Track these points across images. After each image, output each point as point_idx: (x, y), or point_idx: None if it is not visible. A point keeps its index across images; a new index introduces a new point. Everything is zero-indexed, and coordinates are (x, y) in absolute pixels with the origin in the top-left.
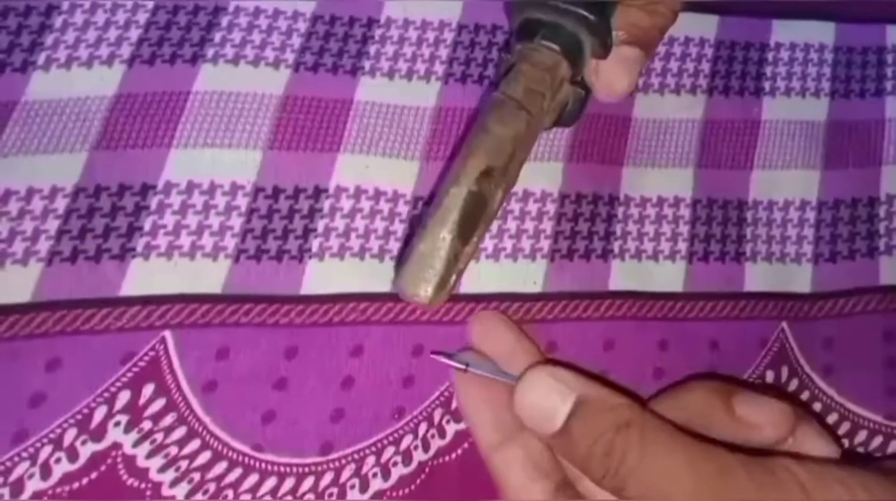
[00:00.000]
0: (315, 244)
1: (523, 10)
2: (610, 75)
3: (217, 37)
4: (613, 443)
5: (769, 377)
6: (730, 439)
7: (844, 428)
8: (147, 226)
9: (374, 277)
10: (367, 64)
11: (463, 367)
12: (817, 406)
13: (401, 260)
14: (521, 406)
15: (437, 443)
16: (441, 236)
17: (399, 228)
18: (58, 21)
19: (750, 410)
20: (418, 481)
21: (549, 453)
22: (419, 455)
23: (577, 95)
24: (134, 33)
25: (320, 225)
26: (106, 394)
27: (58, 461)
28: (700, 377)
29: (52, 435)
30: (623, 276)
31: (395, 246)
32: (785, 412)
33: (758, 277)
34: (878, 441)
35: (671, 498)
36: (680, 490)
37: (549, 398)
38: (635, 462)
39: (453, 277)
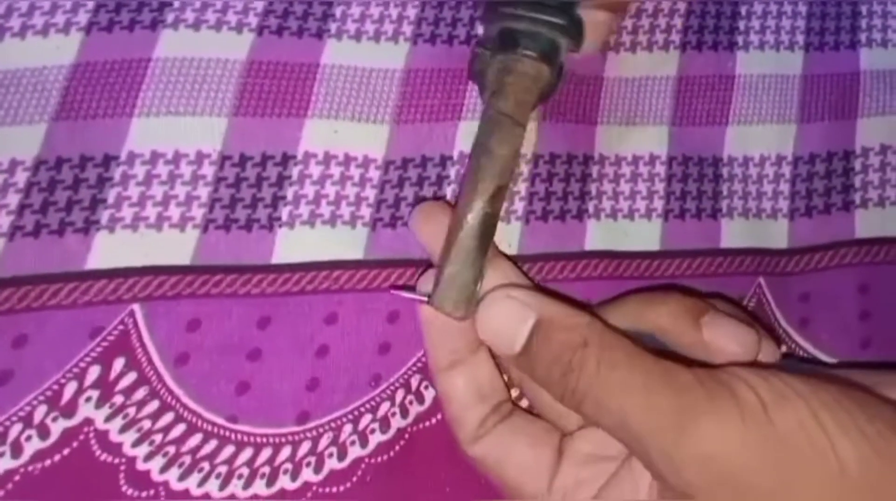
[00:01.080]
0: (285, 212)
1: (499, 21)
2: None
3: (176, 1)
4: (570, 363)
5: None
6: (693, 356)
7: None
8: (111, 198)
9: (346, 244)
10: (333, 26)
11: (423, 299)
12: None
13: (436, 282)
14: (483, 330)
15: (415, 409)
16: (466, 259)
17: (370, 193)
18: None
19: (715, 333)
20: (397, 447)
21: (492, 377)
22: (397, 422)
23: (554, 77)
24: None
25: (289, 192)
26: (75, 370)
27: (28, 438)
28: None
29: (21, 413)
30: (599, 236)
31: (366, 212)
32: (749, 340)
33: (734, 233)
34: None
35: (626, 416)
36: (633, 407)
37: (510, 320)
38: (591, 381)
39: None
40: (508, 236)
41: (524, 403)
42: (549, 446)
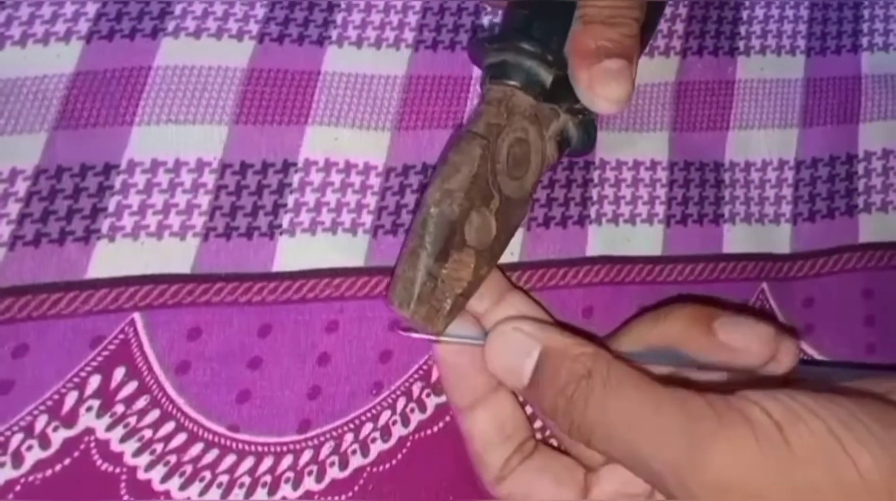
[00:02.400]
0: (285, 220)
1: (479, 57)
2: (601, 91)
3: (177, 9)
4: (573, 394)
5: None
6: (713, 363)
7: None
8: (111, 206)
9: (347, 251)
10: (333, 33)
11: (433, 338)
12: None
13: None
14: (492, 364)
15: (416, 417)
16: (412, 257)
17: (371, 200)
18: None
19: (731, 334)
20: (399, 456)
21: (514, 414)
22: (399, 430)
23: (577, 120)
24: (91, 8)
25: (290, 200)
26: (76, 379)
27: (29, 448)
28: (681, 300)
29: (22, 423)
30: (600, 241)
31: (367, 219)
32: (767, 335)
33: (737, 238)
34: None
35: (637, 446)
36: (646, 439)
37: (515, 352)
38: (598, 413)
39: (445, 296)
40: (510, 244)
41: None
42: (573, 484)
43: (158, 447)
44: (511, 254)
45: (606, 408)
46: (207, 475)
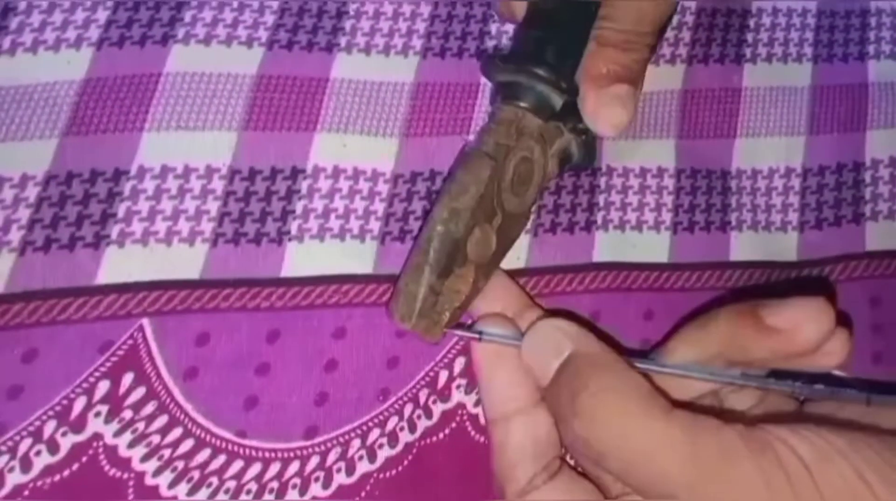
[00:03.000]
0: (294, 226)
1: (492, 74)
2: (606, 115)
3: (187, 16)
4: (584, 405)
5: None
6: (770, 357)
7: None
8: (121, 212)
9: (355, 258)
10: (342, 40)
11: (476, 336)
12: None
13: (392, 290)
14: (526, 357)
15: (423, 424)
16: (416, 273)
17: (380, 207)
18: (22, 4)
19: (781, 315)
20: (405, 462)
21: (550, 432)
22: (405, 437)
23: (580, 140)
24: (102, 15)
25: (299, 206)
26: (85, 385)
27: (38, 453)
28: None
29: (31, 428)
30: (607, 247)
31: (375, 226)
32: (814, 308)
33: (743, 246)
34: None
35: (667, 480)
36: (677, 472)
37: (549, 349)
38: (609, 435)
39: (445, 309)
40: (517, 250)
41: None
42: None
43: (166, 452)
44: (518, 259)
45: (626, 437)
46: (215, 480)
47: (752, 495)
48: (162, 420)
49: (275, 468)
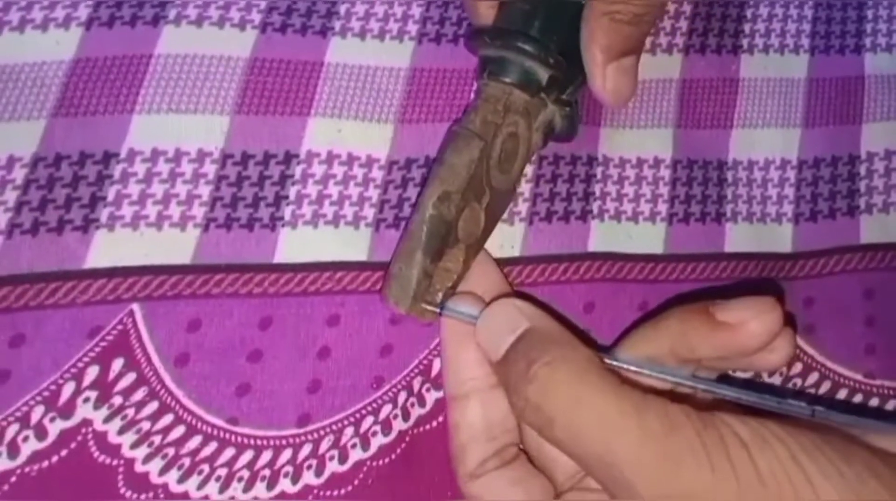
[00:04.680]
0: (287, 212)
1: (477, 49)
2: (619, 86)
3: None
4: (537, 372)
5: None
6: (718, 354)
7: (825, 388)
8: (111, 196)
9: (349, 244)
10: (337, 24)
11: (437, 312)
12: (798, 366)
13: (384, 275)
14: (479, 335)
15: (417, 412)
16: (409, 257)
17: (374, 193)
18: None
19: (728, 312)
20: (399, 450)
21: (505, 417)
22: (399, 424)
23: (563, 111)
24: None
25: (292, 192)
26: (73, 370)
27: (25, 439)
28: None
29: (18, 413)
30: (602, 237)
31: (370, 212)
32: (768, 303)
33: (739, 237)
34: (858, 399)
35: (610, 448)
36: (622, 443)
37: (504, 325)
38: (565, 403)
39: (436, 290)
40: (511, 238)
41: None
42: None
43: (156, 439)
44: (512, 248)
45: (579, 401)
46: (206, 468)
47: (694, 467)
48: (152, 407)
49: (267, 455)
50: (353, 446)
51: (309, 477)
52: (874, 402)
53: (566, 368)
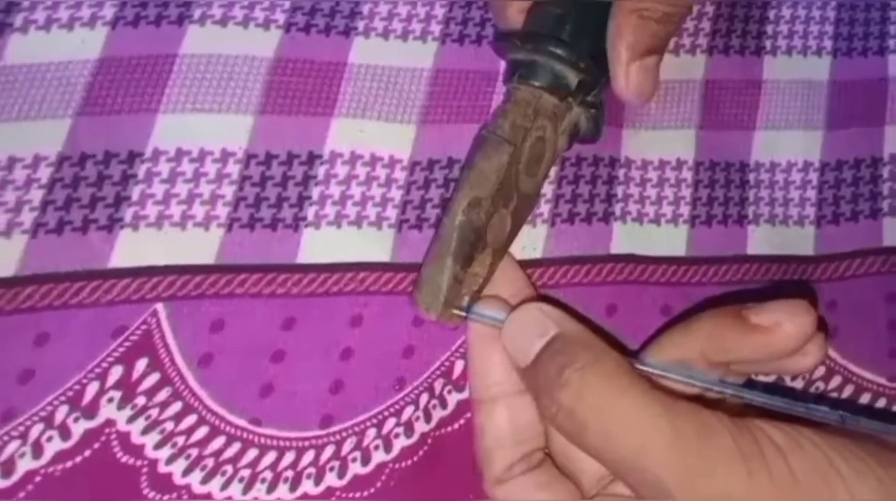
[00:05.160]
0: (311, 212)
1: (507, 52)
2: (643, 85)
3: None
4: (570, 379)
5: None
6: (751, 357)
7: (848, 391)
8: (135, 195)
9: (372, 245)
10: (360, 24)
11: (463, 316)
12: (821, 369)
13: (415, 280)
14: (506, 340)
15: (438, 413)
16: (440, 263)
17: (396, 194)
18: None
19: (762, 315)
20: (421, 452)
21: (532, 422)
22: (421, 426)
23: (589, 114)
24: None
25: (315, 192)
26: (97, 370)
27: (49, 439)
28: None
29: (42, 413)
30: (625, 239)
31: (392, 213)
32: (797, 307)
33: (761, 240)
34: (881, 403)
35: (646, 454)
36: (656, 446)
37: (532, 330)
38: (593, 410)
39: (463, 294)
40: (534, 240)
41: None
42: None
43: (180, 440)
44: (534, 249)
45: (611, 405)
46: (229, 469)
47: (729, 471)
48: (176, 407)
49: (290, 457)
50: (376, 448)
51: (331, 479)
52: None
53: (598, 372)
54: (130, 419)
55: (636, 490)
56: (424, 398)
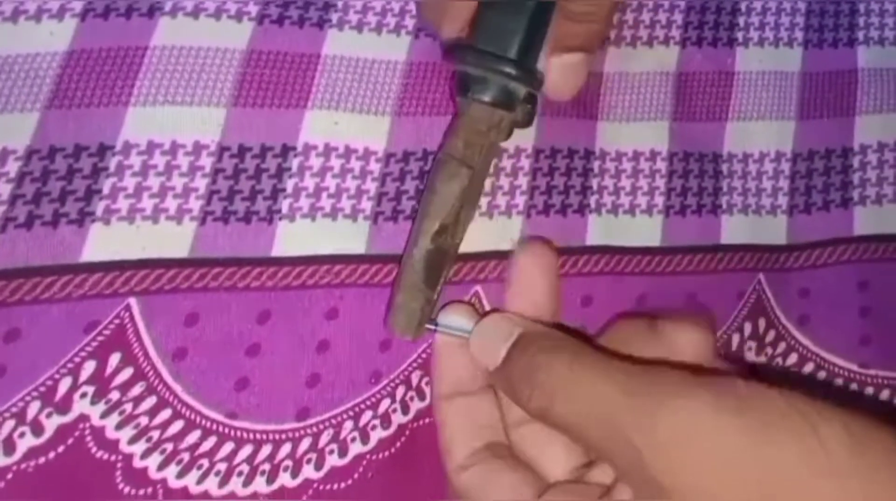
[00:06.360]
0: (285, 205)
1: (457, 63)
2: (559, 82)
3: None
4: (539, 360)
5: (747, 329)
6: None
7: (820, 377)
8: (106, 189)
9: (347, 237)
10: (334, 16)
11: (433, 328)
12: (794, 357)
13: (388, 306)
14: (473, 347)
15: (416, 405)
16: (413, 290)
17: (371, 186)
18: None
19: (670, 327)
20: (398, 444)
21: (491, 417)
22: (398, 418)
23: (525, 108)
24: None
25: (289, 185)
26: (70, 365)
27: (22, 435)
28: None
29: (14, 409)
30: (600, 230)
31: (367, 205)
32: (704, 336)
33: (734, 229)
34: (853, 389)
35: (602, 401)
36: (613, 391)
37: (498, 335)
38: (562, 376)
39: (429, 312)
40: (510, 231)
41: None
42: (532, 488)
43: (155, 434)
44: (510, 240)
45: (572, 372)
46: (205, 463)
47: (689, 400)
48: (150, 402)
49: (266, 449)
50: (353, 440)
51: (309, 471)
52: (869, 391)
53: (564, 348)
54: (104, 414)
55: (602, 449)
56: (401, 390)
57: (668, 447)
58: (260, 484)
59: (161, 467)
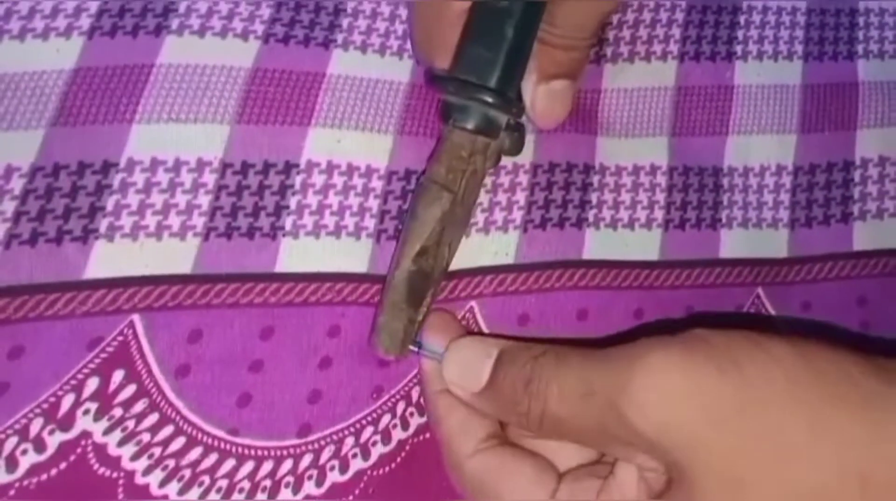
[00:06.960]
0: (288, 222)
1: (440, 92)
2: (545, 109)
3: (182, 7)
4: (532, 370)
5: None
6: None
7: None
8: (110, 206)
9: (350, 255)
10: (339, 37)
11: (415, 350)
12: None
13: (372, 325)
14: (448, 372)
15: (416, 421)
16: (395, 310)
17: (374, 204)
18: None
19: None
20: (399, 459)
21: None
22: (398, 434)
23: (513, 136)
24: (93, 3)
25: (292, 202)
26: (73, 382)
27: (24, 452)
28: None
29: (17, 426)
30: (598, 245)
31: (370, 223)
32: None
33: (733, 243)
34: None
35: (588, 379)
36: (596, 371)
37: (476, 356)
38: (551, 379)
39: (412, 332)
40: (506, 246)
41: None
42: (548, 480)
43: (157, 451)
44: (506, 255)
45: (560, 371)
46: (206, 479)
47: (669, 359)
48: (153, 418)
49: (267, 466)
50: (354, 456)
51: (310, 488)
52: None
53: (548, 353)
54: (107, 431)
55: (601, 439)
56: (401, 406)
57: (644, 397)
58: None
59: (163, 483)
